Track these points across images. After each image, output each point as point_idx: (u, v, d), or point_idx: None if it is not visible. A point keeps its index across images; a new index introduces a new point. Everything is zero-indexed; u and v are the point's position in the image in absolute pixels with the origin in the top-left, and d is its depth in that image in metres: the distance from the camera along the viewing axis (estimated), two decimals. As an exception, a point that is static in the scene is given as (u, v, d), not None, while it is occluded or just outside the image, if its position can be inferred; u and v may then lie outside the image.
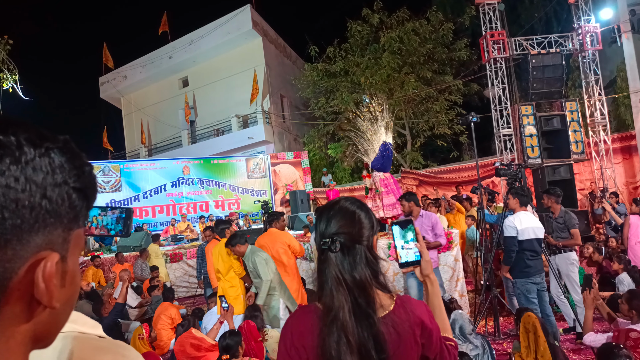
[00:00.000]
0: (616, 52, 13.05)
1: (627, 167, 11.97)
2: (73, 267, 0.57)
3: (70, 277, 0.56)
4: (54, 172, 0.52)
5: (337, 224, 1.23)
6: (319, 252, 1.23)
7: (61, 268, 0.54)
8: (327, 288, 1.17)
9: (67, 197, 0.53)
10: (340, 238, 1.20)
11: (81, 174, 0.55)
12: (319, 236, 1.25)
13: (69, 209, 0.53)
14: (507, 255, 4.67)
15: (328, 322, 1.13)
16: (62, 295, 0.54)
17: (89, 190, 0.57)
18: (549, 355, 3.22)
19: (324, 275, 1.19)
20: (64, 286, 0.55)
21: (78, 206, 0.55)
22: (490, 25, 11.45)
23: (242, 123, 19.09)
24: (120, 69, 21.86)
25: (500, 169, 5.44)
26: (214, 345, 4.02)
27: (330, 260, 1.19)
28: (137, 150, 21.67)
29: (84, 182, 0.56)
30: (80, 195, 0.55)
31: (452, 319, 4.45)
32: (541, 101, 10.40)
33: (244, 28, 18.22)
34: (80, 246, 0.58)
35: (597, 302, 3.63)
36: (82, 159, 0.57)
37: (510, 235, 4.61)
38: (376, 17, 17.37)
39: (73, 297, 0.58)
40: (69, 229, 0.54)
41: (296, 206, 13.15)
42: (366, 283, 1.18)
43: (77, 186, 0.54)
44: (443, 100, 16.97)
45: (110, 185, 13.95)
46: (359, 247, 1.21)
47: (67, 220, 0.53)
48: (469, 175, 13.33)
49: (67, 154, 0.54)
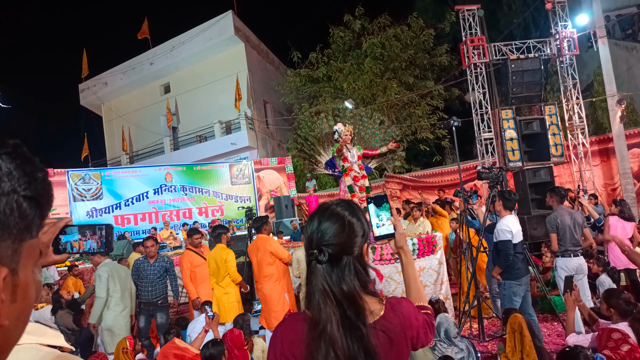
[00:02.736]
0: (592, 57, 13.35)
1: (605, 169, 12.21)
2: (25, 280, 0.53)
3: (22, 290, 0.52)
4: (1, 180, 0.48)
5: (327, 233, 1.19)
6: (308, 261, 1.20)
7: (11, 282, 0.50)
8: (314, 300, 1.15)
9: (17, 207, 0.49)
10: (328, 249, 1.16)
11: (32, 181, 0.52)
12: (308, 244, 1.22)
13: (18, 219, 0.50)
14: (504, 259, 4.65)
15: (316, 336, 1.10)
16: (12, 311, 0.50)
17: (42, 198, 0.53)
18: (534, 354, 3.25)
19: (312, 286, 1.16)
20: (15, 301, 0.51)
21: (30, 215, 0.51)
22: (470, 31, 11.61)
23: (225, 129, 18.98)
24: (101, 76, 21.57)
25: (481, 173, 5.49)
26: (198, 355, 3.95)
27: (317, 272, 1.16)
28: (119, 157, 21.39)
29: (35, 190, 0.52)
30: (32, 203, 0.52)
31: (437, 322, 4.46)
32: (521, 105, 10.54)
33: (226, 34, 18.16)
34: (34, 257, 0.55)
35: (579, 303, 3.68)
36: (35, 164, 0.53)
37: (506, 239, 4.62)
38: (358, 23, 17.50)
39: (26, 311, 0.54)
40: (19, 240, 0.51)
41: (280, 212, 13.11)
42: (355, 294, 1.15)
43: (27, 194, 0.51)
44: (425, 105, 17.15)
45: (91, 194, 13.71)
46: (347, 258, 1.18)
47: (16, 230, 0.50)
48: (451, 179, 13.46)
49: (17, 160, 0.51)
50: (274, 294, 5.05)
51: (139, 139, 21.48)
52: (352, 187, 6.51)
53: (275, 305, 5.02)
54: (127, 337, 4.96)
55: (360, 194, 6.43)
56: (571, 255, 4.95)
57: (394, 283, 5.56)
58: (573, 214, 5.08)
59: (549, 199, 5.28)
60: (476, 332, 5.34)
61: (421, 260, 5.81)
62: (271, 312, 5.04)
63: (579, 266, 4.94)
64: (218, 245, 5.51)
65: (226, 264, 5.32)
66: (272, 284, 5.07)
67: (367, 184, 6.60)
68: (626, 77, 14.32)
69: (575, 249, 4.96)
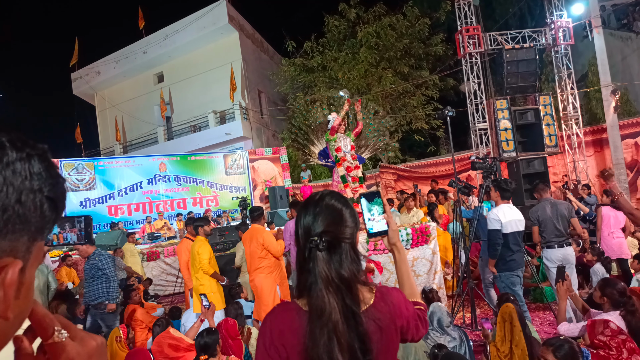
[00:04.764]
0: (588, 47, 13.35)
1: (598, 159, 12.27)
2: (29, 280, 0.55)
3: (25, 289, 0.54)
4: (32, 178, 0.51)
5: (324, 222, 1.21)
6: (304, 250, 1.21)
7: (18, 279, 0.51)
8: (315, 289, 1.15)
9: (40, 205, 0.52)
10: (326, 237, 1.18)
11: (56, 184, 0.55)
12: (304, 233, 1.23)
13: (39, 217, 0.52)
14: (492, 248, 4.65)
15: (320, 325, 1.10)
16: (15, 307, 0.51)
17: (60, 202, 0.56)
18: (523, 344, 3.27)
19: (312, 275, 1.17)
20: (18, 298, 0.52)
21: (47, 217, 0.54)
22: (466, 20, 11.56)
23: (219, 119, 18.88)
24: (93, 65, 21.34)
25: (475, 163, 5.50)
26: (193, 344, 3.96)
27: (317, 260, 1.17)
28: (112, 147, 21.24)
29: (57, 193, 0.55)
30: (52, 205, 0.54)
31: (430, 311, 4.49)
32: (515, 95, 10.55)
33: (220, 23, 17.98)
34: (39, 259, 0.56)
35: (570, 293, 3.71)
36: (58, 170, 0.57)
37: (494, 229, 4.60)
38: (353, 12, 17.38)
39: (25, 311, 0.55)
40: (33, 239, 0.53)
41: (275, 202, 13.08)
42: (353, 281, 1.17)
43: (50, 196, 0.54)
44: (420, 95, 17.12)
45: (84, 184, 13.63)
46: (344, 245, 1.20)
47: (34, 229, 0.52)
48: (446, 169, 13.49)
49: (46, 162, 0.54)
50: (266, 286, 5.03)
51: (132, 128, 21.34)
52: (345, 177, 6.49)
53: (265, 298, 5.00)
54: (120, 326, 4.97)
55: (353, 185, 6.42)
56: (555, 246, 5.01)
57: (387, 272, 5.59)
58: (557, 204, 5.11)
59: (535, 192, 5.36)
60: (469, 321, 5.38)
61: (415, 250, 5.84)
62: (261, 305, 5.03)
63: (564, 257, 4.98)
64: (197, 237, 5.48)
65: (198, 256, 5.25)
66: (264, 276, 5.06)
67: (360, 174, 6.59)
68: (621, 67, 14.34)
69: (560, 240, 5.00)
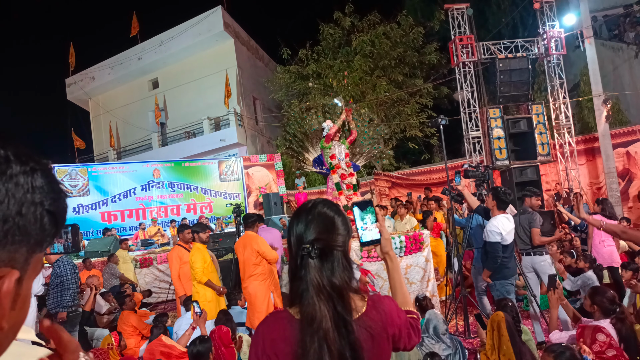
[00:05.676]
0: (579, 57, 13.51)
1: (590, 168, 12.38)
2: (26, 292, 0.55)
3: (22, 301, 0.54)
4: (34, 191, 0.52)
5: (316, 229, 1.22)
6: (296, 258, 1.21)
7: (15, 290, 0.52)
8: (307, 296, 1.15)
9: (40, 218, 0.53)
10: (319, 244, 1.18)
11: (57, 198, 0.57)
12: (296, 241, 1.24)
13: (39, 230, 0.53)
14: (492, 260, 4.60)
15: (310, 332, 1.11)
16: (11, 317, 0.52)
17: (60, 216, 0.58)
18: (511, 353, 3.28)
19: (304, 283, 1.17)
20: (14, 309, 0.52)
21: (47, 230, 0.55)
22: (459, 29, 11.67)
23: (214, 125, 18.86)
24: (88, 70, 21.27)
25: (468, 171, 5.54)
26: (185, 352, 3.94)
27: (309, 267, 1.17)
28: (106, 153, 21.14)
29: (58, 207, 0.56)
30: (52, 219, 0.55)
31: (426, 319, 4.51)
32: (508, 104, 10.65)
33: (215, 29, 18.02)
34: (37, 271, 0.57)
35: (562, 302, 3.74)
36: (61, 185, 0.59)
37: (495, 241, 4.55)
38: (348, 20, 17.48)
39: (20, 323, 0.56)
40: (32, 251, 0.54)
41: (269, 209, 13.04)
42: (343, 289, 1.17)
43: (51, 209, 0.55)
44: (414, 103, 17.22)
45: (77, 190, 13.55)
46: (337, 252, 1.21)
47: (34, 241, 0.53)
48: (439, 177, 13.55)
49: (49, 177, 0.55)
50: (259, 294, 5.00)
51: (126, 134, 21.26)
52: (339, 184, 6.50)
53: (259, 306, 4.96)
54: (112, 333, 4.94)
55: (347, 192, 6.43)
56: (523, 254, 5.16)
57: (381, 280, 5.60)
58: (520, 215, 5.20)
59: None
60: (462, 329, 5.39)
61: (408, 257, 5.85)
62: (254, 313, 4.98)
63: (532, 264, 5.10)
64: (194, 244, 5.40)
65: (191, 264, 5.12)
66: (258, 283, 5.02)
67: (354, 182, 6.60)
68: (612, 77, 14.51)
69: (526, 248, 5.13)
